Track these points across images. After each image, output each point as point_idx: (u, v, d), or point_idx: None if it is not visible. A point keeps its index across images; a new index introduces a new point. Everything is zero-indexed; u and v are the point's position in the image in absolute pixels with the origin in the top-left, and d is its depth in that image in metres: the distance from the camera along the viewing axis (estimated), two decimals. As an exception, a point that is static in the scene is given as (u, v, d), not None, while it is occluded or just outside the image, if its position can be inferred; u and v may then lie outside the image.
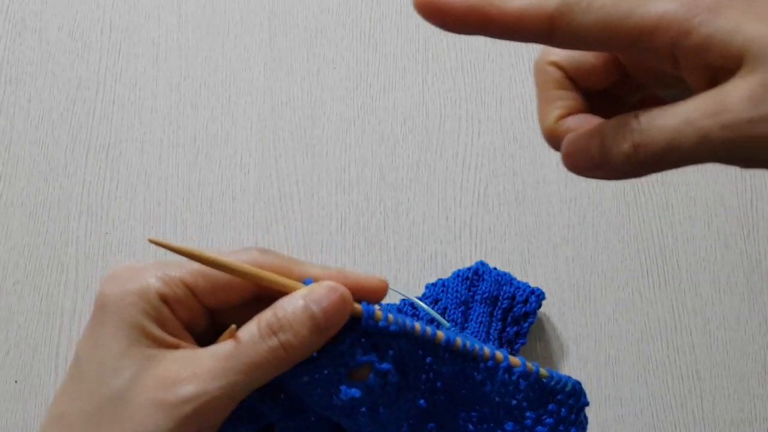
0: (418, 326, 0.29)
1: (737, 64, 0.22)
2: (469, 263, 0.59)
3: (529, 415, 0.31)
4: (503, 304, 0.55)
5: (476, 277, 0.56)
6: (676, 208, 0.61)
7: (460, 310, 0.54)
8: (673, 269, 0.59)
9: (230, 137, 0.63)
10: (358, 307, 0.28)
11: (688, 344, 0.58)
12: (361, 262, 0.60)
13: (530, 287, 0.56)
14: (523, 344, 0.55)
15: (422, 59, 0.66)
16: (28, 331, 0.57)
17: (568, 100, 0.28)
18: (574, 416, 0.31)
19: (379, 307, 0.29)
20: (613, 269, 0.59)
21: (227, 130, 0.64)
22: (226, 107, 0.64)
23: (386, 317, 0.28)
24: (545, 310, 0.58)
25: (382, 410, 0.29)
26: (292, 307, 0.27)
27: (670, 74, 0.25)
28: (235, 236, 0.60)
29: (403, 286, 0.59)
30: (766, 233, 0.60)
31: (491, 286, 0.55)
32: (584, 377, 0.56)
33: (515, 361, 0.30)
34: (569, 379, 0.31)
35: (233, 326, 0.28)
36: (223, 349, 0.27)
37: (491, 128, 0.64)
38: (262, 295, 0.30)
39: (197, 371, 0.26)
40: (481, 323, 0.54)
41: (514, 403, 0.30)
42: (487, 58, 0.66)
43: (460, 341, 0.30)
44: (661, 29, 0.22)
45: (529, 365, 0.30)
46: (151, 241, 0.27)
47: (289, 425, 0.30)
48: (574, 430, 0.31)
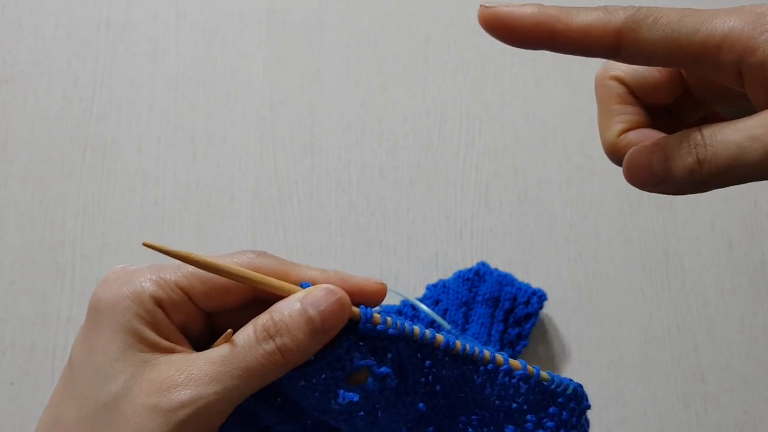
0: (417, 329, 0.29)
1: None
2: (470, 264, 0.58)
3: (529, 418, 0.30)
4: (505, 305, 0.54)
5: (477, 277, 0.55)
6: (679, 208, 0.61)
7: (461, 311, 0.54)
8: (676, 270, 0.59)
9: (228, 136, 0.63)
10: (356, 310, 0.28)
11: (691, 346, 0.57)
12: (361, 262, 0.59)
13: (532, 288, 0.56)
14: (524, 346, 0.55)
15: (422, 58, 0.66)
16: (23, 332, 0.57)
17: (630, 114, 0.29)
18: (575, 419, 0.31)
19: (378, 309, 0.29)
20: (615, 270, 0.59)
21: (225, 129, 0.63)
22: (224, 106, 0.64)
23: (384, 320, 0.28)
24: (547, 311, 0.57)
25: (380, 414, 0.28)
26: (288, 310, 0.27)
27: (733, 91, 0.25)
28: (233, 236, 0.60)
29: (403, 286, 0.58)
30: (770, 234, 0.60)
31: (492, 286, 0.55)
32: (586, 379, 0.55)
33: (515, 364, 0.30)
34: (570, 381, 0.31)
35: (229, 330, 0.27)
36: (219, 353, 0.27)
37: (492, 127, 0.63)
38: (258, 298, 0.30)
39: (193, 376, 0.26)
40: (482, 324, 0.53)
41: (514, 406, 0.30)
42: (488, 56, 0.65)
43: (459, 344, 0.29)
44: (726, 46, 0.23)
45: (529, 368, 0.30)
46: (145, 245, 0.27)
47: (285, 429, 0.30)
48: None
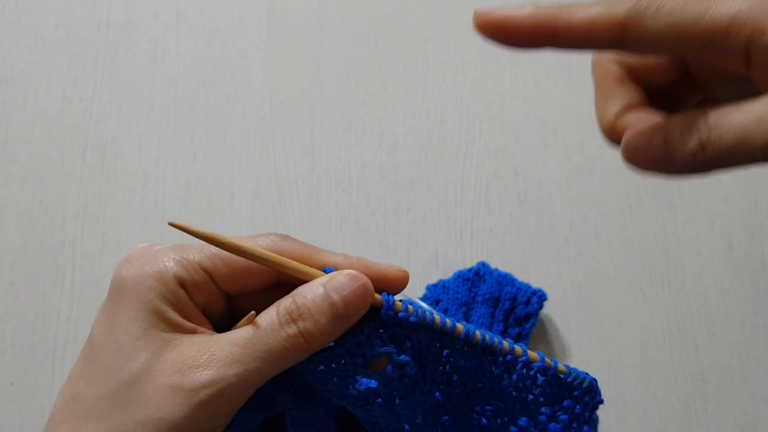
0: (437, 318, 0.29)
1: None
2: (470, 264, 0.58)
3: (544, 410, 0.30)
4: (505, 305, 0.54)
5: (477, 277, 0.55)
6: (679, 208, 0.61)
7: (461, 311, 0.54)
8: (676, 270, 0.59)
9: (228, 136, 0.63)
10: (378, 297, 0.28)
11: (691, 346, 0.57)
12: (360, 262, 0.59)
13: (532, 288, 0.56)
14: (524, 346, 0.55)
15: (422, 58, 0.66)
16: (23, 332, 0.57)
17: (628, 95, 0.28)
18: (588, 414, 0.31)
19: (399, 297, 0.29)
20: (615, 270, 0.59)
21: (225, 129, 0.63)
22: (224, 106, 0.64)
23: (406, 308, 0.28)
24: (547, 311, 0.57)
25: (398, 402, 0.28)
26: (312, 294, 0.27)
27: (736, 74, 0.24)
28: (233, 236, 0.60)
29: (403, 286, 0.58)
30: (770, 233, 0.60)
31: (492, 286, 0.55)
32: (587, 379, 0.55)
33: (534, 356, 0.30)
34: (587, 375, 0.31)
35: (253, 312, 0.27)
36: (241, 335, 0.27)
37: (492, 127, 0.63)
38: (281, 281, 0.29)
39: (215, 357, 0.26)
40: (482, 324, 0.53)
41: (530, 398, 0.30)
42: (488, 56, 0.65)
43: (479, 334, 0.29)
44: (734, 30, 0.22)
45: (547, 360, 0.30)
46: (171, 224, 0.27)
47: (300, 414, 0.30)
48: (586, 428, 0.31)
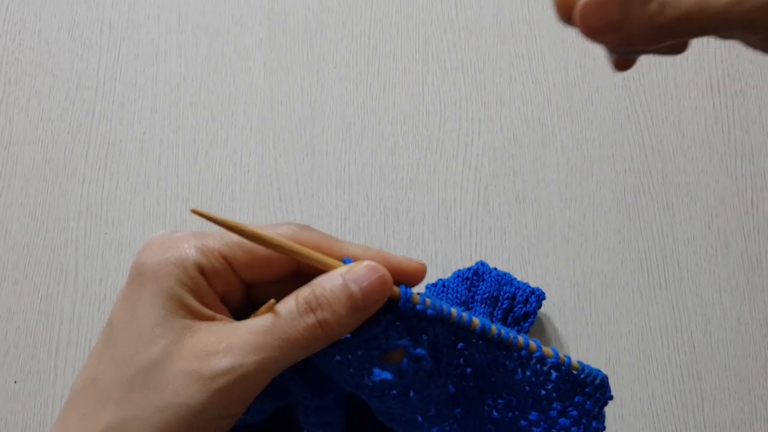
0: (454, 312, 0.29)
1: None
2: (469, 263, 0.59)
3: (555, 406, 0.31)
4: (503, 304, 0.55)
5: (476, 277, 0.56)
6: (676, 208, 0.61)
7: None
8: (673, 269, 0.59)
9: (230, 137, 0.63)
10: (396, 289, 0.28)
11: (688, 344, 0.57)
12: (361, 262, 0.59)
13: (530, 287, 0.56)
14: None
15: (422, 59, 0.66)
16: (27, 331, 0.57)
17: None
18: (597, 410, 0.31)
19: (416, 290, 0.29)
20: (613, 269, 0.59)
21: (227, 129, 0.64)
22: (225, 107, 0.64)
23: (423, 301, 0.28)
24: (545, 310, 0.58)
25: (412, 394, 0.28)
26: (330, 285, 0.27)
27: None
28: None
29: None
30: (766, 233, 0.60)
31: (491, 286, 0.55)
32: (585, 377, 0.56)
33: (548, 351, 0.30)
34: (599, 372, 0.31)
35: (272, 300, 0.27)
36: (260, 323, 0.27)
37: (491, 128, 0.64)
38: (299, 271, 0.29)
39: (233, 344, 0.26)
40: (481, 323, 0.53)
41: (543, 393, 0.30)
42: (487, 57, 0.66)
43: (495, 329, 0.29)
44: None
45: (561, 356, 0.30)
46: (193, 211, 0.27)
47: (314, 403, 0.30)
48: (595, 423, 0.31)
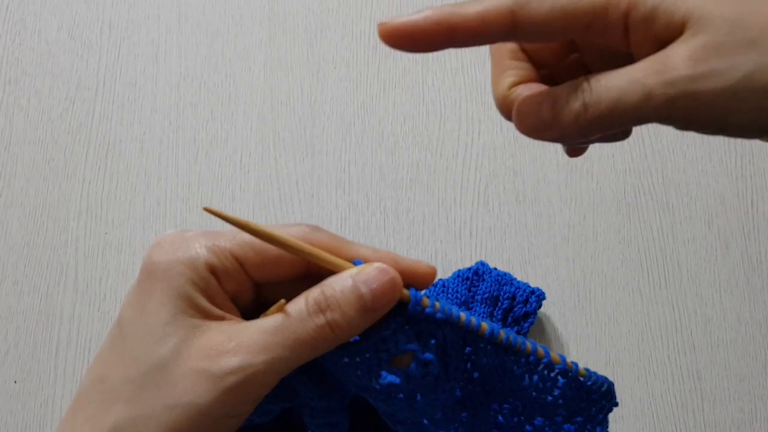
0: (463, 315, 0.29)
1: (680, 32, 0.24)
2: (469, 263, 0.59)
3: (561, 412, 0.31)
4: (503, 304, 0.55)
5: (476, 277, 0.56)
6: (676, 208, 0.61)
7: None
8: (673, 269, 0.59)
9: (230, 137, 0.63)
10: (405, 292, 0.28)
11: (688, 344, 0.57)
12: (361, 262, 0.60)
13: (530, 287, 0.56)
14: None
15: (422, 59, 0.66)
16: (27, 331, 0.57)
17: (520, 69, 0.30)
18: (602, 416, 0.31)
19: (424, 293, 0.29)
20: (613, 269, 0.59)
21: (227, 129, 0.64)
22: (225, 107, 0.64)
23: (432, 304, 0.28)
24: (545, 310, 0.58)
25: (419, 398, 0.28)
26: (340, 286, 0.27)
27: (620, 55, 0.26)
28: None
29: (403, 286, 0.59)
30: (766, 233, 0.60)
31: (491, 286, 0.55)
32: (584, 377, 0.56)
33: (556, 358, 0.30)
34: (606, 379, 0.31)
35: (283, 300, 0.27)
36: (270, 323, 0.27)
37: (491, 128, 0.64)
38: (309, 272, 0.29)
39: (243, 343, 0.26)
40: (481, 323, 0.54)
41: (549, 399, 0.30)
42: (486, 57, 0.66)
43: (503, 333, 0.29)
44: (612, 6, 0.24)
45: (568, 363, 0.30)
46: (206, 209, 0.27)
47: (320, 405, 0.30)
48: (599, 430, 0.31)
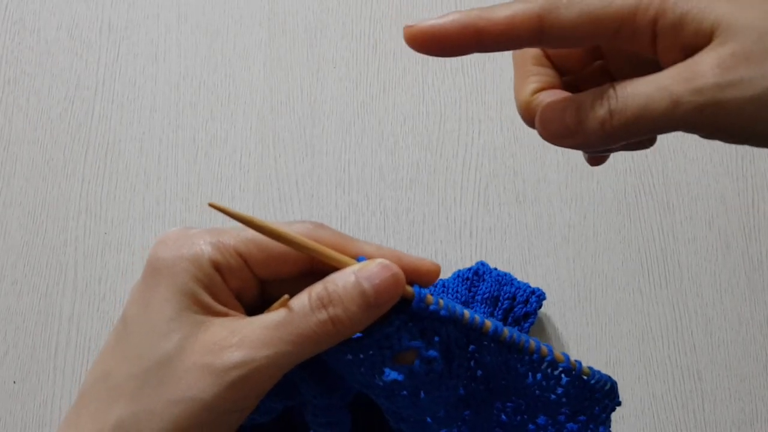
0: (467, 313, 0.29)
1: (709, 40, 0.24)
2: (469, 263, 0.59)
3: (564, 410, 0.31)
4: (504, 304, 0.55)
5: (476, 277, 0.56)
6: (677, 208, 0.61)
7: (460, 310, 0.54)
8: (674, 269, 0.59)
9: (229, 137, 0.63)
10: (409, 289, 0.28)
11: (689, 344, 0.57)
12: (360, 262, 0.59)
13: (531, 287, 0.56)
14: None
15: (422, 59, 0.66)
16: (26, 331, 0.57)
17: (544, 76, 0.30)
18: (605, 416, 0.31)
19: (428, 291, 0.29)
20: (613, 269, 0.59)
21: (226, 129, 0.64)
22: (225, 107, 0.64)
23: (437, 301, 0.28)
24: (546, 310, 0.58)
25: (422, 395, 0.29)
26: (343, 282, 0.27)
27: (647, 63, 0.26)
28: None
29: (403, 286, 0.59)
30: (767, 233, 0.60)
31: (492, 286, 0.55)
32: (585, 378, 0.56)
33: (559, 356, 0.30)
34: (609, 378, 0.31)
35: (286, 296, 0.27)
36: (273, 318, 0.27)
37: (491, 128, 0.64)
38: (313, 269, 0.30)
39: (246, 338, 0.26)
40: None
41: (553, 397, 0.30)
42: (487, 57, 0.66)
43: (507, 331, 0.30)
44: (640, 12, 0.24)
45: (572, 361, 0.30)
46: (211, 205, 0.27)
47: (323, 403, 0.30)
48: (602, 429, 0.31)
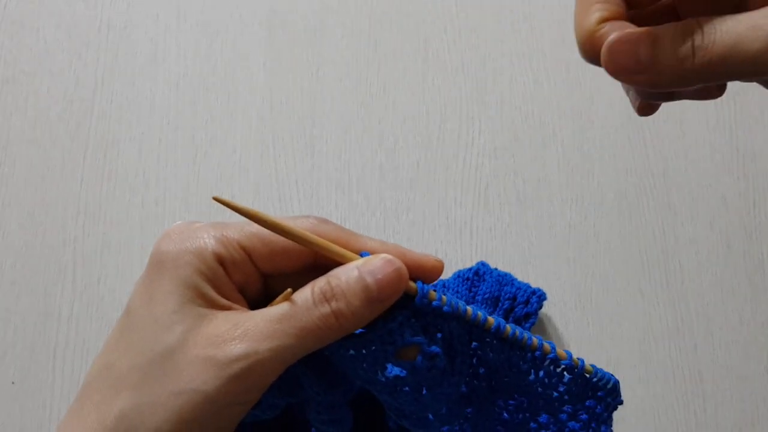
0: (470, 309, 0.29)
1: None
2: (469, 263, 0.58)
3: (566, 408, 0.31)
4: (504, 304, 0.54)
5: (477, 277, 0.55)
6: (678, 208, 0.61)
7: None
8: (675, 270, 0.59)
9: (229, 137, 0.63)
10: (412, 284, 0.28)
11: (690, 345, 0.57)
12: (360, 262, 0.59)
13: (531, 288, 0.56)
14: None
15: (422, 59, 0.66)
16: (25, 331, 0.57)
17: (611, 4, 0.27)
18: (607, 414, 0.31)
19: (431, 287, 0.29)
20: (614, 270, 0.59)
21: (226, 129, 0.63)
22: (225, 106, 0.64)
23: (440, 297, 0.28)
24: (546, 310, 0.58)
25: (425, 392, 0.29)
26: (346, 276, 0.27)
27: (725, 3, 0.25)
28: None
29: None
30: (768, 234, 0.60)
31: (492, 286, 0.55)
32: (586, 379, 0.55)
33: (562, 353, 0.30)
34: (611, 376, 0.31)
35: (289, 290, 0.27)
36: (276, 311, 0.27)
37: (491, 128, 0.63)
38: (316, 264, 0.30)
39: (249, 331, 0.26)
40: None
41: (555, 395, 0.30)
42: (487, 57, 0.66)
43: (509, 328, 0.30)
44: None
45: (575, 359, 0.30)
46: (215, 199, 0.27)
47: (325, 399, 0.30)
48: (604, 428, 0.31)
